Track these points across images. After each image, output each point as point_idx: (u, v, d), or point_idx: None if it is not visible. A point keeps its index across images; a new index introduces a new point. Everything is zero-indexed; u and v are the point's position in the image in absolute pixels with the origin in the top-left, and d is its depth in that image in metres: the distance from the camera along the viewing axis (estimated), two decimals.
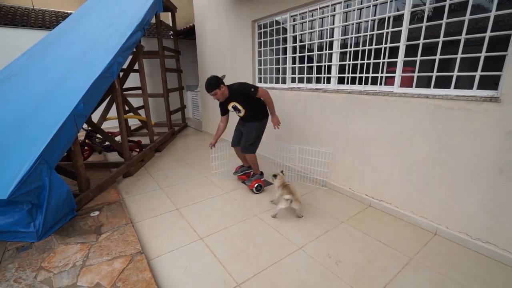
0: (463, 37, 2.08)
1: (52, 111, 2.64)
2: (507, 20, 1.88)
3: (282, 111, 3.91)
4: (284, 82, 3.97)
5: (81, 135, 4.68)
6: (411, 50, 2.44)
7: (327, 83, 3.31)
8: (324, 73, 3.29)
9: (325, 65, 3.25)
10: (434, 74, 2.29)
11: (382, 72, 2.69)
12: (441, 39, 2.20)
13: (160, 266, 2.03)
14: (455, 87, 2.19)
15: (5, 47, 5.98)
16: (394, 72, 2.58)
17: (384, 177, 2.75)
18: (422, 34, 2.31)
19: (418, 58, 2.37)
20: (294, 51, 3.69)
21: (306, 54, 3.51)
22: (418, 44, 2.34)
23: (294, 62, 3.73)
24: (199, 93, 7.43)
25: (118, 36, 3.62)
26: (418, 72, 2.41)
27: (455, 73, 2.16)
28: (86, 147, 4.42)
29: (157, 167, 4.20)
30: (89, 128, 4.30)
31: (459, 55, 2.12)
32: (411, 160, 2.50)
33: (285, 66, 3.86)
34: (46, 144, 2.32)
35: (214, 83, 2.94)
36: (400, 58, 2.51)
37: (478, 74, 2.05)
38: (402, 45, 2.47)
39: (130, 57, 4.36)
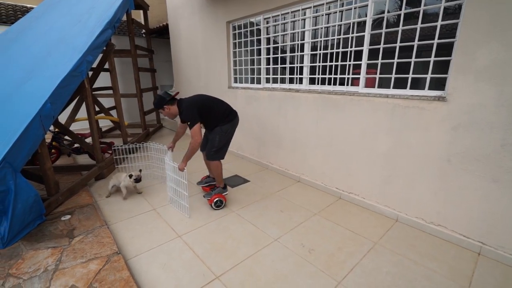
0: (416, 43, 2.33)
1: (16, 112, 2.50)
2: (451, 28, 2.15)
3: (258, 109, 4.03)
4: (259, 82, 4.08)
5: (48, 138, 4.42)
6: (374, 54, 2.66)
7: (299, 83, 3.47)
8: (297, 74, 3.45)
9: (297, 66, 3.41)
10: (393, 76, 2.54)
11: (348, 74, 2.90)
12: (398, 44, 2.45)
13: (138, 265, 2.03)
14: (412, 88, 2.44)
15: None
16: (359, 73, 2.80)
17: (353, 171, 2.97)
18: (382, 39, 2.54)
19: (379, 61, 2.60)
20: (268, 52, 3.82)
21: (279, 55, 3.65)
22: (379, 48, 2.57)
23: (268, 63, 3.86)
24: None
25: (87, 33, 3.49)
26: (380, 74, 2.64)
27: (410, 75, 2.41)
28: (53, 150, 4.19)
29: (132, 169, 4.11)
30: (56, 129, 4.09)
31: (413, 59, 2.37)
32: (375, 154, 2.73)
33: (259, 66, 3.98)
34: (9, 147, 2.20)
35: (156, 103, 2.79)
36: (364, 61, 2.73)
37: (428, 76, 2.31)
38: (366, 49, 2.69)
39: (100, 55, 4.22)
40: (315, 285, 1.85)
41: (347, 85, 2.95)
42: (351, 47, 2.81)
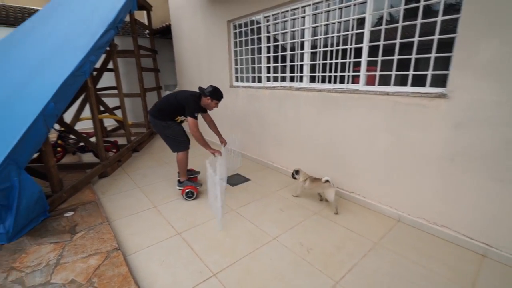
0: (416, 39, 2.30)
1: (20, 111, 2.57)
2: (453, 24, 2.11)
3: (259, 108, 4.03)
4: (260, 81, 4.08)
5: (54, 136, 4.51)
6: (374, 51, 2.63)
7: (300, 81, 3.46)
8: (297, 72, 3.44)
9: (297, 65, 3.40)
10: (393, 73, 2.50)
11: (349, 71, 2.88)
12: (398, 40, 2.41)
13: (137, 261, 2.06)
14: (412, 85, 2.40)
15: None
16: (359, 71, 2.77)
17: (353, 170, 2.94)
18: (382, 36, 2.50)
19: (379, 58, 2.57)
20: (268, 51, 3.81)
21: (280, 53, 3.64)
22: (379, 45, 2.54)
23: (269, 62, 3.85)
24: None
25: (90, 34, 3.54)
26: (381, 72, 2.61)
27: (411, 72, 2.38)
28: (58, 148, 4.28)
29: (135, 167, 4.16)
30: (62, 128, 4.17)
31: (414, 56, 2.33)
32: (375, 152, 2.69)
33: (260, 65, 3.97)
34: (14, 145, 2.26)
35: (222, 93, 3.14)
36: (364, 58, 2.70)
37: (429, 73, 2.27)
38: (365, 46, 2.66)
39: (104, 56, 4.29)
40: (312, 284, 1.84)
41: (348, 83, 2.92)
42: (351, 44, 2.78)
